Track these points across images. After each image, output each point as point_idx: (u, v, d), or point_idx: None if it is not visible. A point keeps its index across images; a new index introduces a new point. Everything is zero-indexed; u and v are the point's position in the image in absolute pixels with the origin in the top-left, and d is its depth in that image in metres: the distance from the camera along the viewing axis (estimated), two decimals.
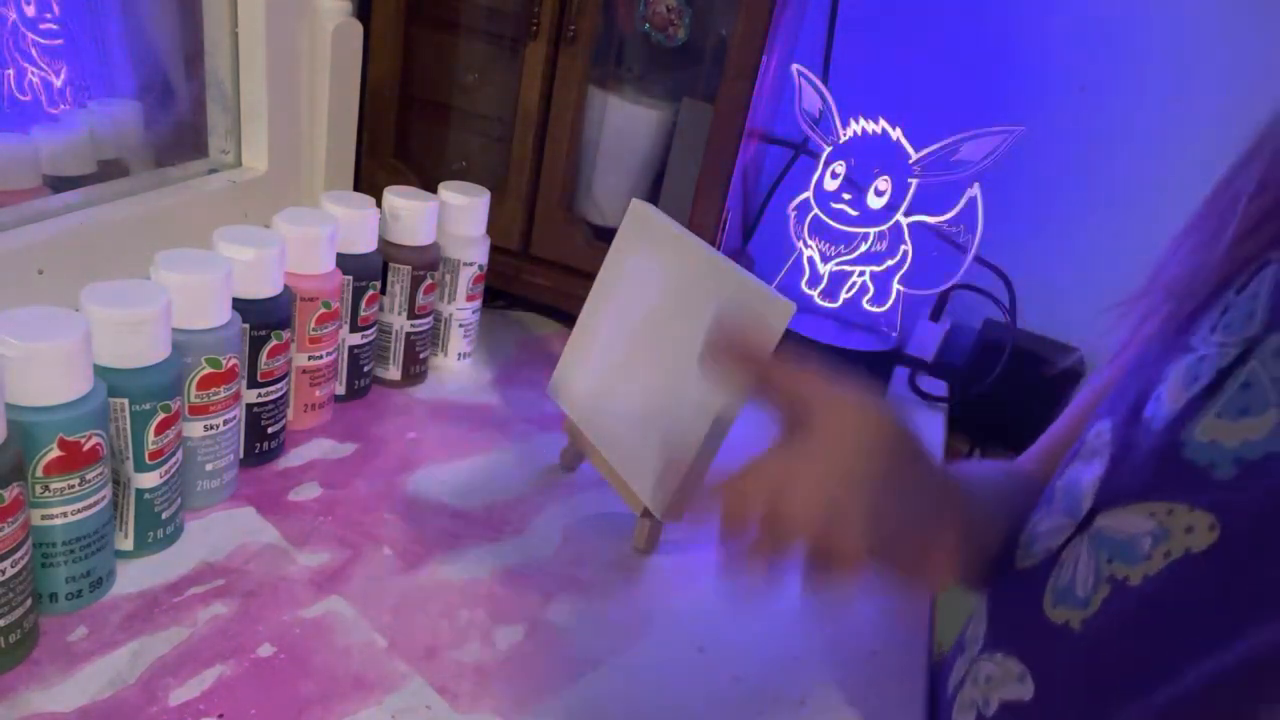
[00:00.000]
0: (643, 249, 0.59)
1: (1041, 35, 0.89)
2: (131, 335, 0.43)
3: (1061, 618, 0.38)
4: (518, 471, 0.62)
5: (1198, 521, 0.34)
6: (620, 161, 0.79)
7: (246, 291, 0.52)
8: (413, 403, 0.68)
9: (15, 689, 0.39)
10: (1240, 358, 0.36)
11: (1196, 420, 0.36)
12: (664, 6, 0.74)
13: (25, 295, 0.55)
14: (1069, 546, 0.40)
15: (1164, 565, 0.35)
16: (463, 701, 0.43)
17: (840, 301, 0.84)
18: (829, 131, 0.80)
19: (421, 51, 0.80)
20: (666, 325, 0.55)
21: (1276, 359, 0.34)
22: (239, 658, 0.43)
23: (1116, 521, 0.38)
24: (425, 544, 0.53)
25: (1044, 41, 0.89)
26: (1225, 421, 0.35)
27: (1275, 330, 0.35)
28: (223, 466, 0.52)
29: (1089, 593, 0.38)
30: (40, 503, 0.40)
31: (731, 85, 0.70)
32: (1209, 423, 0.36)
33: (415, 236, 0.65)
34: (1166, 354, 0.40)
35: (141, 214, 0.63)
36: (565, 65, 0.74)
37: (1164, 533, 0.35)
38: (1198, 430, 0.36)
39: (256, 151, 0.73)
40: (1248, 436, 0.34)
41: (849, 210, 0.80)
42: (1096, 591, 0.37)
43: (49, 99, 0.74)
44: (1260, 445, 0.33)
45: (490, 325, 0.80)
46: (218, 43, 0.70)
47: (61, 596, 0.43)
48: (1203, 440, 0.35)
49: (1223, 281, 0.40)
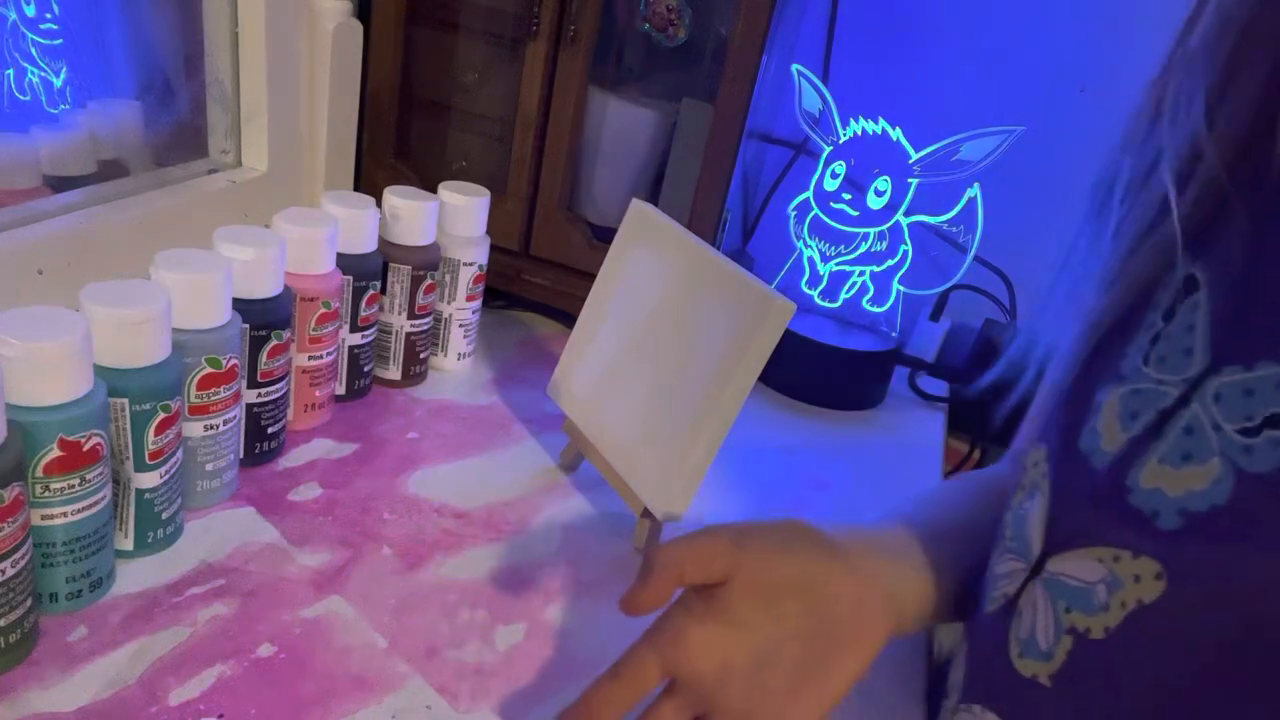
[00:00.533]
0: (643, 249, 0.59)
1: (1041, 35, 0.89)
2: (131, 335, 0.43)
3: (1029, 671, 0.38)
4: (518, 471, 0.62)
5: (1143, 570, 0.33)
6: (620, 161, 0.79)
7: (246, 291, 0.52)
8: (413, 403, 0.68)
9: (15, 689, 0.39)
10: (1182, 399, 0.35)
11: (1140, 465, 0.35)
12: (664, 6, 0.74)
13: (25, 295, 0.55)
14: (1025, 592, 0.39)
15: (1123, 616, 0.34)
16: (463, 701, 0.43)
17: (840, 301, 0.84)
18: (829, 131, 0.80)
19: (421, 51, 0.80)
20: (667, 325, 0.55)
21: (1217, 403, 0.33)
22: (239, 658, 0.43)
23: (1068, 566, 0.37)
24: (425, 544, 0.53)
25: (1044, 41, 0.89)
26: (1168, 468, 0.34)
27: (1214, 372, 0.34)
28: (223, 466, 0.52)
29: (1051, 645, 0.37)
30: (40, 503, 0.40)
31: (731, 85, 0.70)
32: (1152, 468, 0.35)
33: (415, 236, 0.65)
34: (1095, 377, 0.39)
35: (141, 214, 0.63)
36: (565, 65, 0.74)
37: (1117, 581, 0.34)
38: (1142, 476, 0.35)
39: (256, 151, 0.73)
40: (1191, 486, 0.33)
41: (849, 210, 0.80)
42: (1059, 643, 0.37)
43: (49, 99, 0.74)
44: (1204, 496, 0.32)
45: (490, 325, 0.80)
46: (218, 43, 0.70)
47: (61, 596, 0.43)
48: (1147, 488, 0.34)
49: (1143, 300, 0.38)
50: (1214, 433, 0.33)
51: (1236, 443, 0.32)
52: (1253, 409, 0.31)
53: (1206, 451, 0.32)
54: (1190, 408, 0.34)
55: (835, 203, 0.80)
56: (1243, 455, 0.31)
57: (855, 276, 0.83)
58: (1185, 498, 0.33)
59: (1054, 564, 0.38)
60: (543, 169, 0.77)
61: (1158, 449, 0.34)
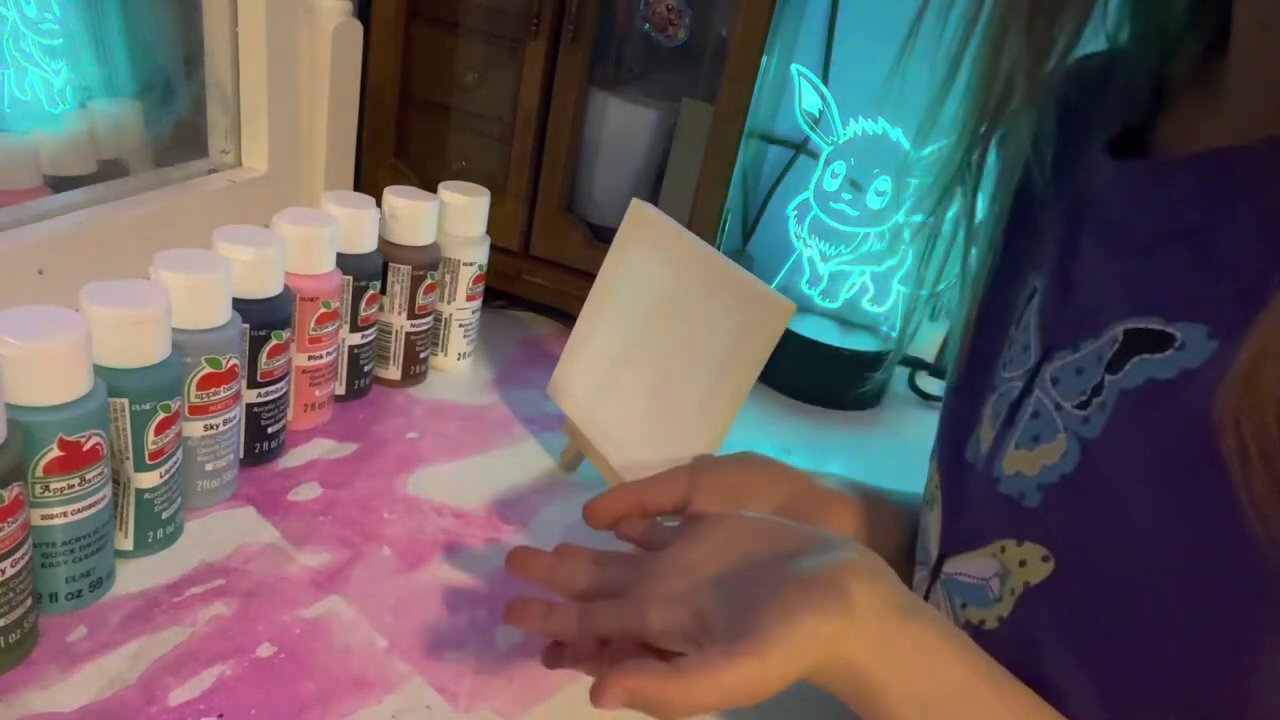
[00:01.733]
0: (643, 249, 0.59)
1: None
2: (131, 335, 0.43)
3: None
4: (518, 471, 0.62)
5: (1028, 555, 0.35)
6: (620, 161, 0.79)
7: (246, 291, 0.52)
8: (413, 403, 0.68)
9: (15, 689, 0.39)
10: (1025, 389, 0.38)
11: (1002, 454, 0.38)
12: (664, 6, 0.74)
13: (25, 295, 0.55)
14: (930, 596, 0.41)
15: (1013, 603, 0.35)
16: (463, 701, 0.43)
17: (840, 301, 0.84)
18: (829, 131, 0.80)
19: (421, 51, 0.80)
20: (666, 325, 0.55)
21: (1055, 386, 0.36)
22: (239, 658, 0.43)
23: (963, 566, 0.39)
24: (425, 544, 0.53)
25: None
26: (1024, 451, 0.36)
27: (1047, 360, 0.37)
28: (223, 466, 0.52)
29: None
30: (40, 503, 0.40)
31: (731, 85, 0.70)
32: (1011, 455, 0.37)
33: (415, 236, 0.65)
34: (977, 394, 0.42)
35: (141, 214, 0.63)
36: (565, 65, 0.74)
37: (1006, 571, 0.36)
38: (1005, 464, 0.37)
39: (256, 151, 0.73)
40: (1045, 462, 0.35)
41: (849, 210, 0.80)
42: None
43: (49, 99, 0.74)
44: (1054, 469, 0.34)
45: (490, 325, 0.80)
46: (218, 43, 0.70)
47: (61, 596, 0.43)
48: (1010, 473, 0.37)
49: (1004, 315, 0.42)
50: (1056, 412, 0.35)
51: (1075, 416, 0.34)
52: (1084, 384, 0.34)
53: (1052, 430, 0.35)
54: (1033, 395, 0.37)
55: (835, 203, 0.80)
56: (1082, 425, 0.34)
57: (855, 276, 0.83)
58: (1040, 474, 0.35)
59: (950, 565, 0.40)
60: (542, 169, 0.77)
61: (1013, 436, 0.37)
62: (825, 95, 0.79)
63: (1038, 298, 0.39)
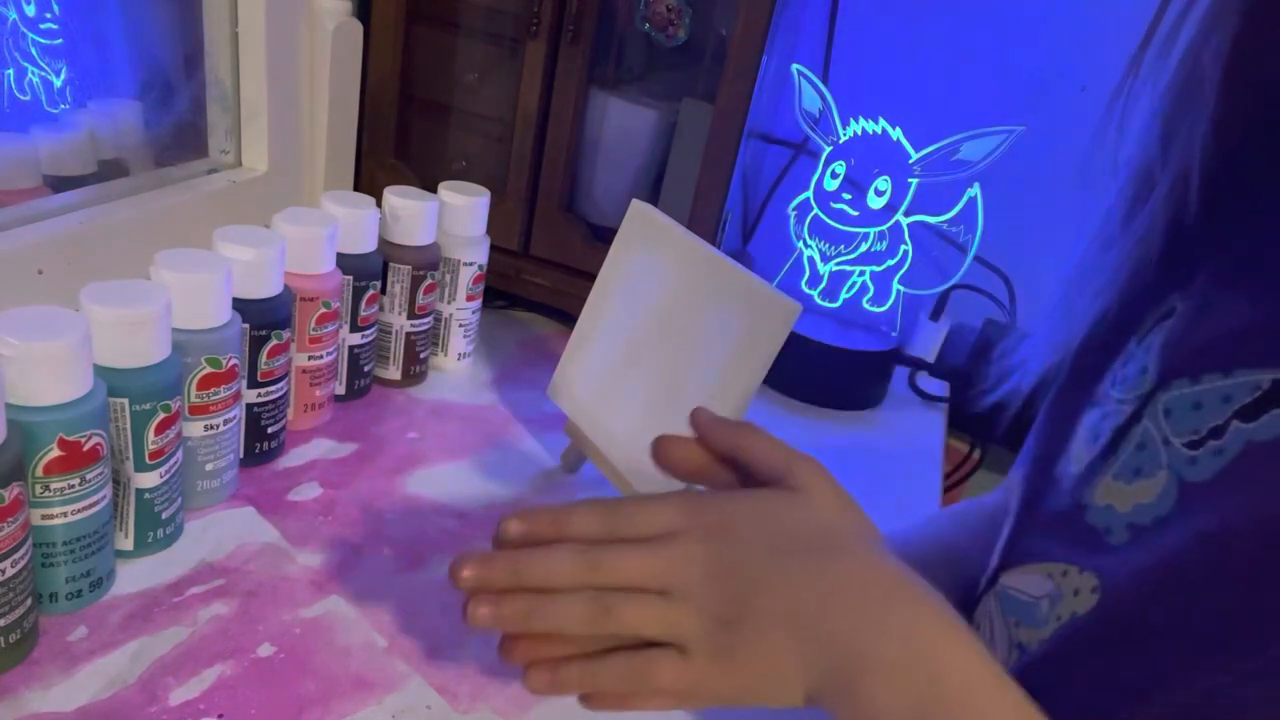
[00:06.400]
0: (643, 249, 0.59)
1: (1041, 35, 0.88)
2: (131, 335, 0.43)
3: None
4: (518, 471, 0.62)
5: (1083, 584, 0.34)
6: (620, 161, 0.79)
7: (246, 291, 0.52)
8: (413, 403, 0.68)
9: (15, 689, 0.39)
10: (1135, 415, 0.35)
11: (1096, 482, 0.36)
12: (664, 6, 0.74)
13: (25, 295, 0.55)
14: (981, 605, 0.40)
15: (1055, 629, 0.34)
16: (463, 701, 0.43)
17: (840, 301, 0.84)
18: (829, 131, 0.80)
19: (421, 51, 0.80)
20: (668, 325, 0.55)
21: (1167, 418, 0.33)
22: (239, 658, 0.43)
23: (1019, 581, 0.37)
24: (425, 544, 0.53)
25: (1044, 41, 0.88)
26: (1120, 484, 0.34)
27: (1164, 387, 0.34)
28: (223, 466, 0.52)
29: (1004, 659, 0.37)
30: (40, 503, 0.40)
31: (731, 85, 0.70)
32: (1106, 485, 0.35)
33: (415, 236, 0.65)
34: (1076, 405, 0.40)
35: (141, 214, 0.63)
36: (565, 65, 0.74)
37: (1059, 595, 0.35)
38: (1097, 493, 0.35)
39: (256, 151, 0.73)
40: (1139, 500, 0.33)
41: (849, 210, 0.80)
42: (1009, 657, 0.37)
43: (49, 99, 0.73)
44: (1150, 509, 0.33)
45: (490, 325, 0.80)
46: (218, 43, 0.70)
47: (61, 596, 0.43)
48: (1100, 504, 0.35)
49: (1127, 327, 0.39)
50: (1163, 447, 0.33)
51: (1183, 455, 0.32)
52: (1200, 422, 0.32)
53: (1155, 466, 0.33)
54: (1142, 423, 0.34)
55: (835, 203, 0.80)
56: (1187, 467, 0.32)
57: (855, 276, 0.83)
58: (1133, 512, 0.33)
59: (1007, 578, 0.38)
60: (542, 169, 0.77)
61: (1112, 465, 0.35)
62: (825, 95, 0.79)
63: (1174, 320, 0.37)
